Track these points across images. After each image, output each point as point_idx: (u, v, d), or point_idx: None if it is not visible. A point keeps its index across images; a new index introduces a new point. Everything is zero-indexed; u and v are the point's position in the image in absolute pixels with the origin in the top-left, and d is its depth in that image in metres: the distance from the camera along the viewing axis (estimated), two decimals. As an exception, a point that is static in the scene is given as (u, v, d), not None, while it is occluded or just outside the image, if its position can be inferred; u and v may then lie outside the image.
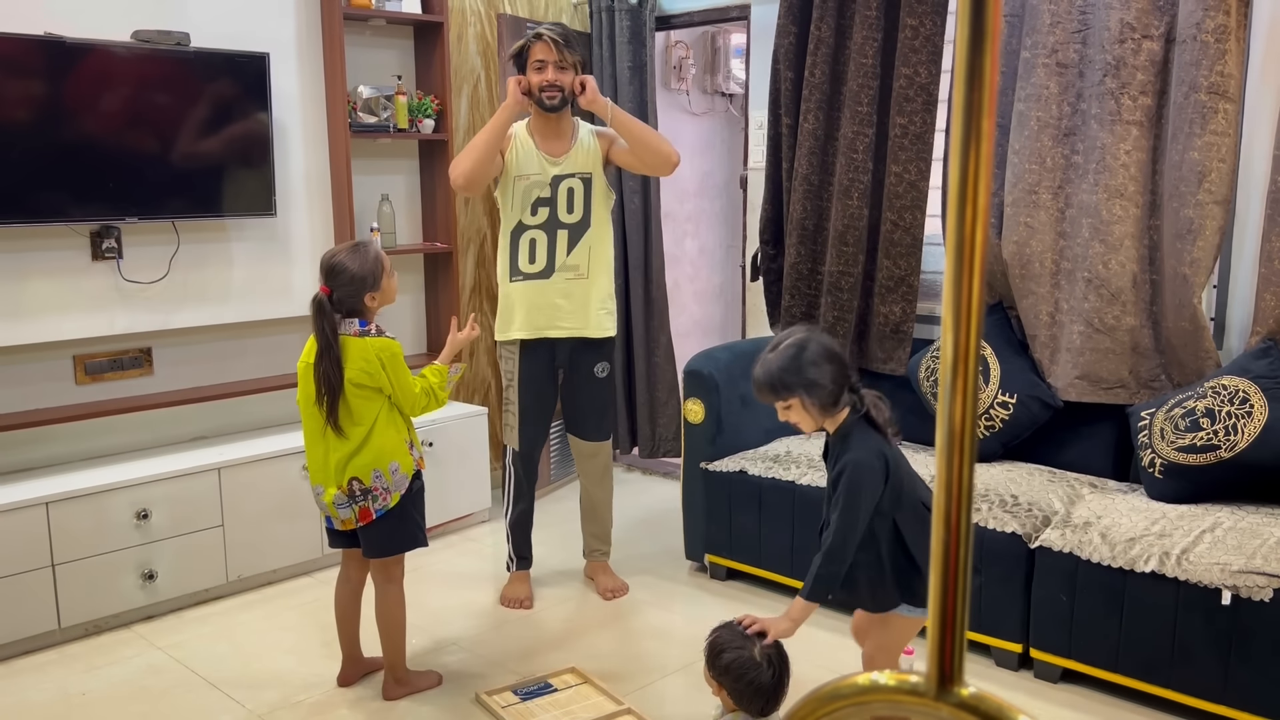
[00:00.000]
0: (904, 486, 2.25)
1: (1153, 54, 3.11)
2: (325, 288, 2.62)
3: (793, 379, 2.18)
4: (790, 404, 2.21)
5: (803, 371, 2.18)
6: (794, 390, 2.19)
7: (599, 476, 3.57)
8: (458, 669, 3.03)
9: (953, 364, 0.54)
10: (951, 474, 0.54)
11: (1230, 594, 2.52)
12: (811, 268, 3.91)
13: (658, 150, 3.24)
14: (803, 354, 2.19)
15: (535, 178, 3.25)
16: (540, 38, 3.18)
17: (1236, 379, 2.94)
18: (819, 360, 2.19)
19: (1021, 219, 3.38)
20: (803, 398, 2.19)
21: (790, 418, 2.24)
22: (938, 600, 0.55)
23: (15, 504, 3.07)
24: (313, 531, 3.67)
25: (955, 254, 0.53)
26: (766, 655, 2.12)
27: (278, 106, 3.71)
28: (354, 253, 2.64)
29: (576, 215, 3.29)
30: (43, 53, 3.15)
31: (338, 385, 2.61)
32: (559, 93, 3.19)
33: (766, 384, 2.22)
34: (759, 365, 2.24)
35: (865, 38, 3.64)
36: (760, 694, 2.10)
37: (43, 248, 3.35)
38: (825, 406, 2.20)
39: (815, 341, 2.23)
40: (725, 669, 2.13)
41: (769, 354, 2.23)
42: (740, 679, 2.11)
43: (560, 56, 3.17)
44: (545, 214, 3.27)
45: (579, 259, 3.30)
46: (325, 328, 2.60)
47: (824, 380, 2.18)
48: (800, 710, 0.62)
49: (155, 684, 2.97)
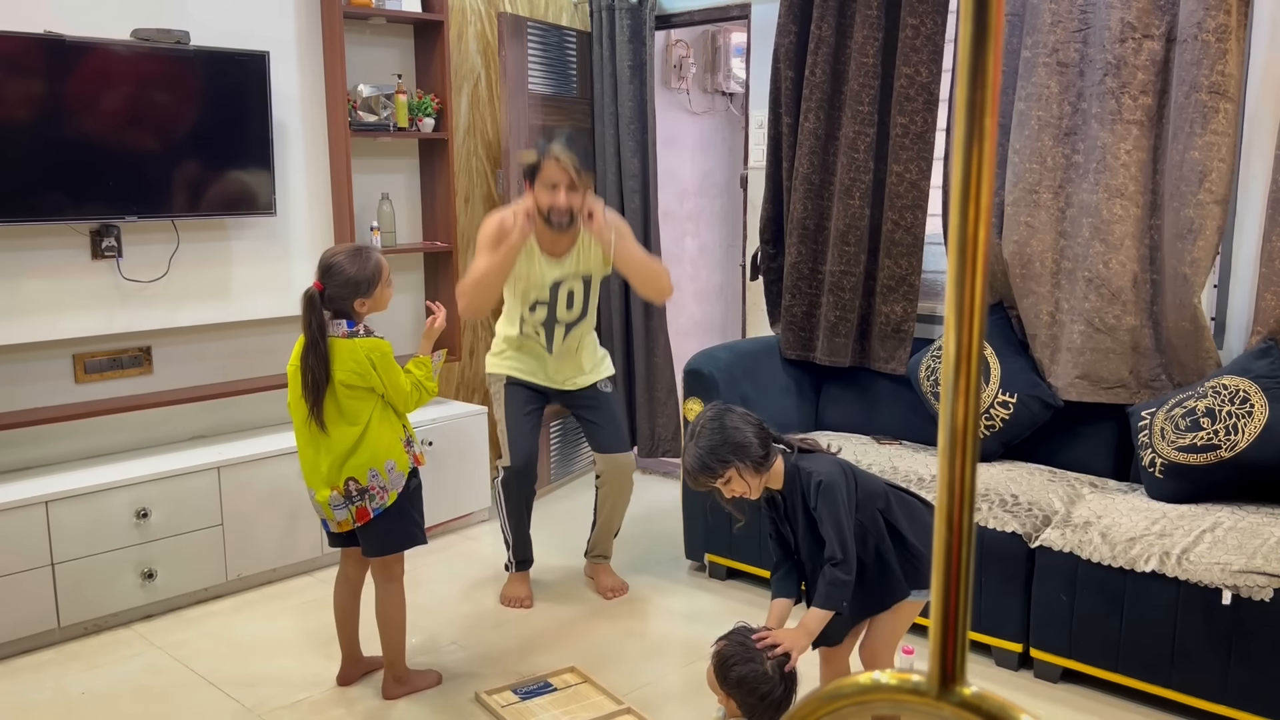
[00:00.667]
0: (869, 481, 2.34)
1: (1153, 53, 3.11)
2: (319, 284, 2.62)
3: (723, 450, 2.22)
4: (729, 476, 2.24)
5: (728, 439, 2.23)
6: (728, 462, 2.23)
7: (625, 489, 3.54)
8: (457, 668, 3.03)
9: (955, 363, 0.54)
10: (954, 474, 0.54)
11: (1230, 594, 2.51)
12: (812, 267, 3.91)
13: (654, 284, 3.31)
14: (722, 426, 2.25)
15: (534, 281, 3.28)
16: (556, 160, 3.10)
17: (1237, 379, 2.94)
18: (739, 424, 2.26)
19: (1022, 218, 3.38)
20: (737, 465, 2.23)
21: (734, 491, 2.27)
22: (939, 600, 0.55)
23: (14, 503, 3.06)
24: (312, 531, 3.67)
25: (958, 253, 0.52)
26: (779, 669, 2.13)
27: (278, 105, 3.71)
28: (355, 256, 2.64)
29: (575, 313, 3.34)
30: (43, 51, 3.15)
31: (323, 381, 2.61)
32: (568, 215, 3.16)
33: (700, 468, 2.25)
34: (687, 458, 2.28)
35: (866, 37, 3.63)
36: (774, 708, 2.12)
37: (42, 246, 3.34)
38: (759, 465, 2.24)
39: (728, 411, 2.29)
40: (738, 683, 2.14)
41: (690, 444, 2.28)
42: (753, 693, 2.12)
43: (573, 179, 3.12)
44: (544, 312, 3.32)
45: (573, 343, 3.39)
46: (314, 323, 2.59)
47: (750, 441, 2.23)
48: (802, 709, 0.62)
49: (154, 683, 2.96)
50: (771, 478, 2.29)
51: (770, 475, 2.28)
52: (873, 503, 2.31)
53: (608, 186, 4.63)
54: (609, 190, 4.61)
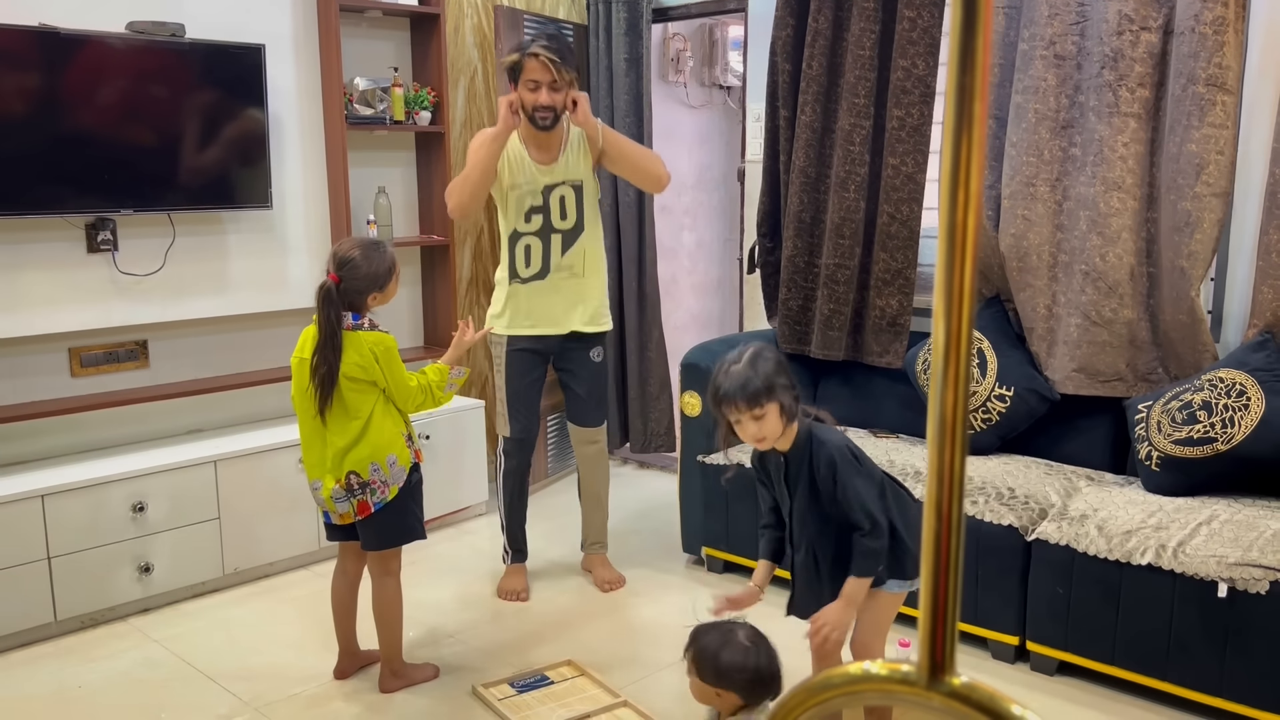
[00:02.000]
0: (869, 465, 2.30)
1: (1151, 46, 3.11)
2: (335, 276, 2.61)
3: (772, 381, 2.16)
4: (767, 410, 2.17)
5: (774, 375, 2.17)
6: (774, 395, 2.16)
7: (597, 464, 3.57)
8: (454, 661, 3.03)
9: (945, 351, 0.53)
10: (943, 462, 0.54)
11: (1227, 586, 2.52)
12: (808, 260, 3.91)
13: (648, 171, 3.30)
14: (770, 360, 2.19)
15: (526, 187, 3.28)
16: (536, 56, 3.13)
17: (1234, 372, 2.94)
18: (780, 369, 2.20)
19: (1019, 212, 3.37)
20: (782, 400, 2.17)
21: (761, 429, 2.19)
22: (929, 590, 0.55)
23: (11, 496, 3.06)
24: (309, 524, 3.67)
25: (947, 240, 0.52)
26: (752, 638, 2.11)
27: (273, 98, 3.70)
28: (371, 251, 2.65)
29: (570, 221, 3.31)
30: (37, 44, 3.14)
31: (334, 374, 2.61)
32: (551, 113, 3.17)
33: (748, 390, 2.15)
34: (727, 377, 2.19)
35: (863, 30, 3.63)
36: (764, 679, 2.09)
37: (38, 240, 3.34)
38: (792, 413, 2.20)
39: (772, 350, 2.24)
40: (727, 670, 2.08)
41: (735, 366, 2.19)
42: (744, 671, 2.07)
43: (555, 76, 3.13)
44: (539, 221, 3.30)
45: (574, 260, 3.34)
46: (331, 316, 2.59)
47: (790, 385, 2.19)
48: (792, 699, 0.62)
49: (152, 677, 2.96)
50: (785, 439, 2.24)
51: (786, 436, 2.23)
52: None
53: (603, 180, 4.61)
54: (604, 183, 4.60)
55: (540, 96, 3.15)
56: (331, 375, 2.60)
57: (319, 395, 2.62)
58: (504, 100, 3.18)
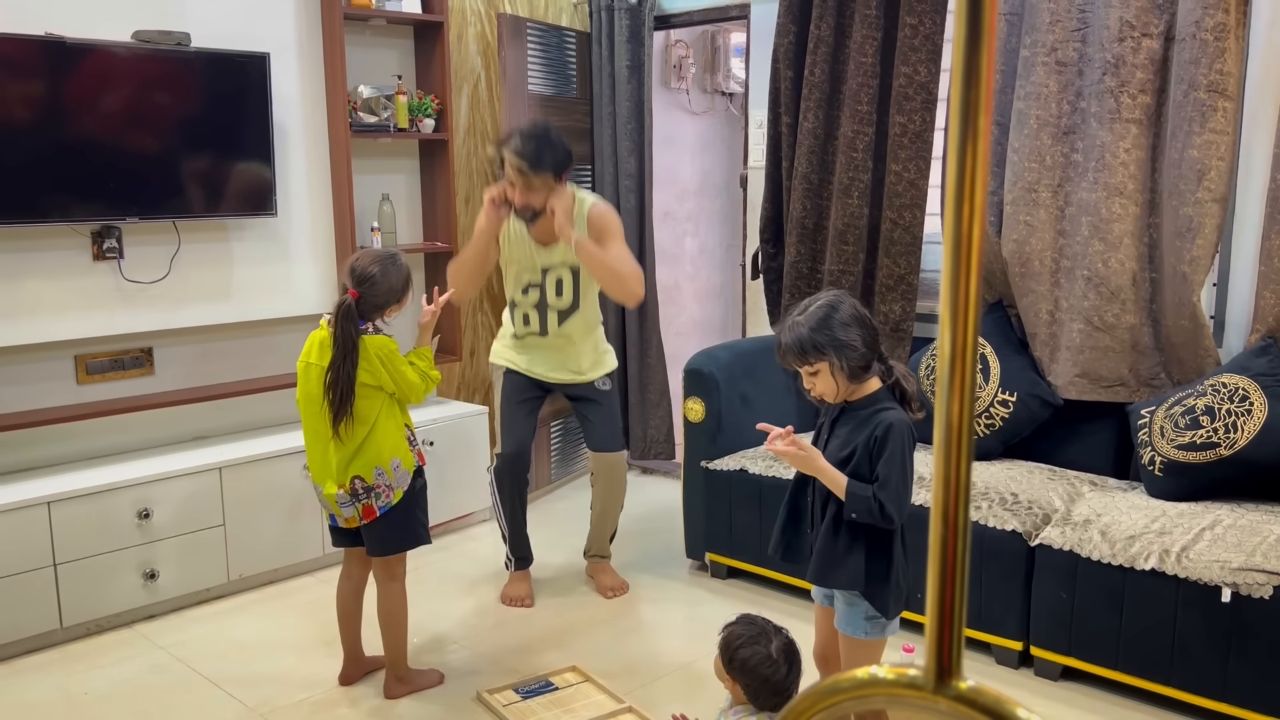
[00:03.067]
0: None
1: (1152, 52, 3.12)
2: (355, 293, 2.62)
3: (823, 339, 2.07)
4: (818, 369, 2.10)
5: (834, 332, 2.07)
6: (824, 352, 2.08)
7: (614, 489, 3.56)
8: (459, 667, 3.04)
9: (950, 360, 0.54)
10: (949, 469, 0.55)
11: (1230, 591, 2.52)
12: (811, 266, 3.91)
13: (619, 288, 3.25)
14: (834, 315, 2.10)
15: (524, 264, 3.33)
16: (507, 161, 3.12)
17: (1236, 377, 2.95)
18: (850, 322, 2.09)
19: (1021, 217, 3.38)
20: (833, 360, 2.08)
21: (816, 386, 2.13)
22: (935, 594, 0.56)
23: (17, 504, 3.07)
24: (314, 530, 3.68)
25: (953, 250, 0.53)
26: (782, 652, 2.11)
27: (278, 106, 3.71)
28: (389, 265, 2.68)
29: (565, 301, 3.35)
30: (44, 53, 3.16)
31: (351, 390, 2.62)
32: (530, 210, 3.18)
33: (795, 346, 2.09)
34: (784, 329, 2.13)
35: (865, 36, 3.64)
36: (775, 691, 2.09)
37: (44, 247, 3.35)
38: (855, 372, 2.10)
39: (846, 303, 2.13)
40: (741, 665, 2.10)
41: (797, 317, 2.13)
42: (755, 675, 2.09)
43: (527, 182, 3.11)
44: (535, 296, 3.36)
45: (570, 329, 3.40)
46: (351, 332, 2.60)
47: (855, 343, 2.09)
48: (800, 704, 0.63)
49: (157, 683, 2.97)
50: (856, 393, 2.15)
51: (858, 390, 2.14)
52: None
53: (605, 186, 4.64)
54: (606, 189, 4.62)
55: (515, 196, 3.16)
56: (349, 391, 2.61)
57: (335, 410, 2.63)
58: (488, 193, 3.21)
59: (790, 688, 2.12)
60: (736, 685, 2.14)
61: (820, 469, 2.12)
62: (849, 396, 2.16)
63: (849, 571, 2.15)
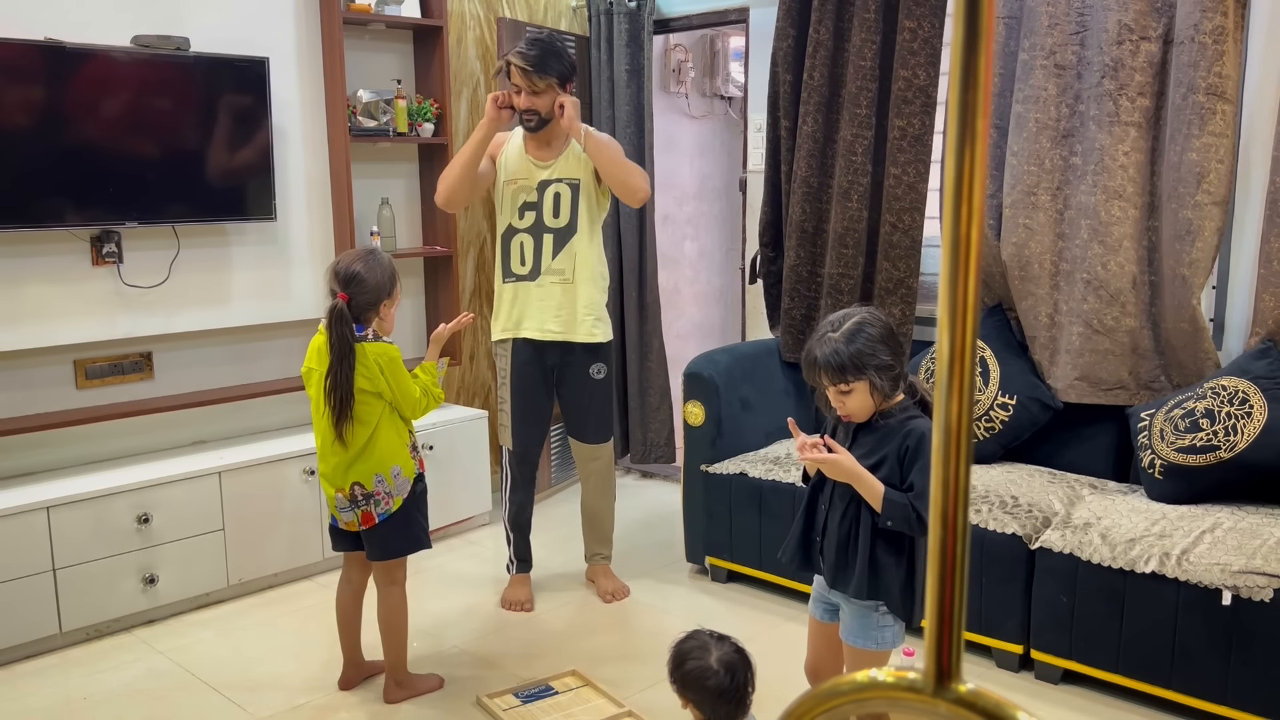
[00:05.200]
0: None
1: (1151, 55, 3.12)
2: (344, 295, 2.62)
3: (867, 359, 2.07)
4: (854, 387, 2.09)
5: (873, 351, 2.07)
6: (863, 371, 2.07)
7: (600, 481, 3.56)
8: (459, 672, 3.03)
9: (949, 363, 0.54)
10: (948, 471, 0.55)
11: (1230, 594, 2.52)
12: (811, 270, 3.92)
13: (624, 182, 3.26)
14: (869, 332, 2.10)
15: (522, 182, 3.29)
16: (514, 64, 3.15)
17: (1236, 380, 2.95)
18: (884, 339, 2.10)
19: (1020, 221, 3.38)
20: (871, 379, 2.07)
21: (847, 404, 2.12)
22: (935, 597, 0.56)
23: (16, 508, 3.07)
24: (314, 535, 3.67)
25: (951, 253, 0.53)
26: (724, 662, 2.02)
27: (277, 111, 3.72)
28: (370, 261, 2.66)
29: (562, 220, 3.30)
30: (43, 58, 3.16)
31: (350, 394, 2.62)
32: (535, 116, 3.19)
33: (834, 365, 2.07)
34: (821, 345, 2.11)
35: (864, 40, 3.64)
36: (723, 699, 2.01)
37: (43, 252, 3.35)
38: (889, 389, 2.11)
39: (880, 320, 2.14)
40: (684, 680, 2.04)
41: (832, 334, 2.11)
42: (700, 689, 2.01)
43: (531, 84, 3.14)
44: (532, 218, 3.30)
45: (564, 263, 3.31)
46: (345, 335, 2.60)
47: (889, 360, 2.09)
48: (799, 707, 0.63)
49: (156, 688, 2.97)
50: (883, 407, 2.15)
51: (884, 405, 2.14)
52: None
53: (607, 190, 4.63)
54: (608, 194, 4.61)
55: (520, 101, 3.18)
56: (348, 394, 2.61)
57: (336, 414, 2.63)
58: (491, 96, 3.22)
59: (738, 693, 2.03)
60: (690, 705, 2.06)
61: (856, 474, 2.09)
62: (881, 407, 2.15)
63: (879, 580, 2.13)
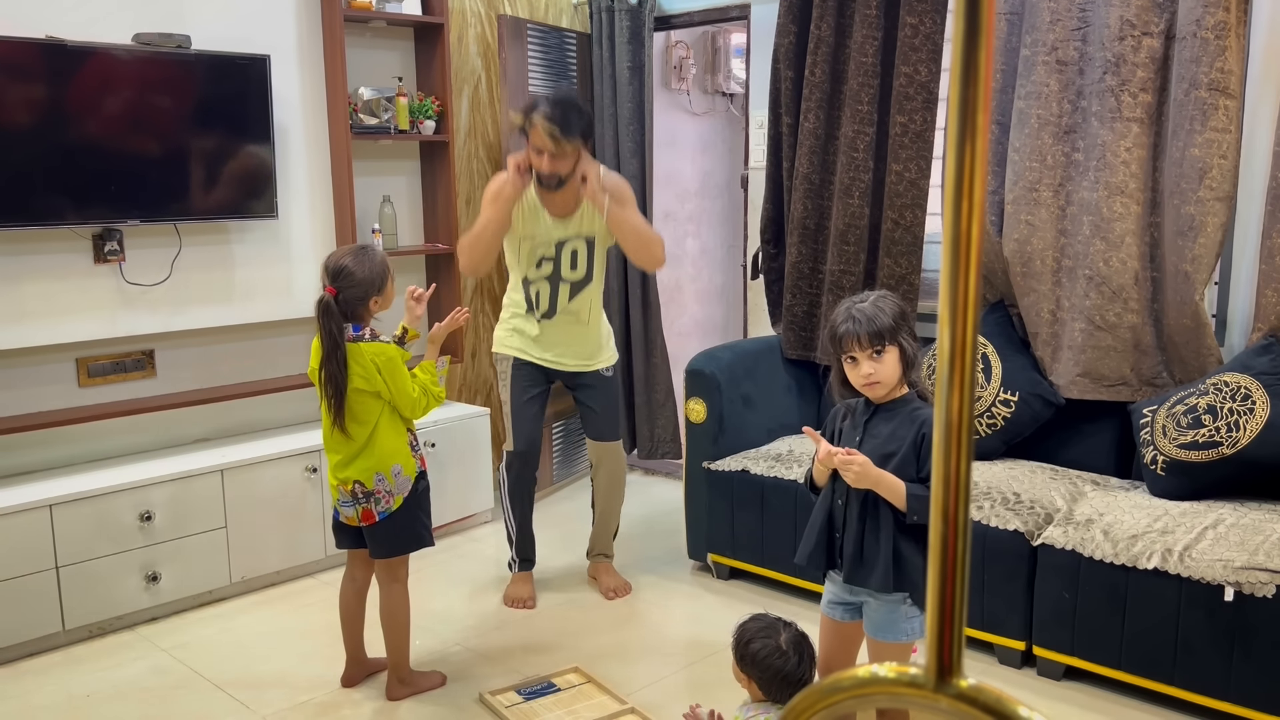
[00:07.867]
0: None
1: (1153, 51, 3.11)
2: (331, 289, 2.62)
3: (901, 323, 2.11)
4: (887, 352, 2.11)
5: (903, 321, 2.13)
6: (899, 335, 2.10)
7: (614, 479, 3.57)
8: (461, 669, 3.04)
9: (950, 358, 0.54)
10: (949, 467, 0.55)
11: (1233, 590, 2.52)
12: (813, 267, 3.91)
13: (647, 253, 3.29)
14: (898, 306, 2.14)
15: (540, 239, 3.28)
16: (537, 127, 3.07)
17: (1238, 376, 2.94)
18: (908, 318, 2.17)
19: (1022, 217, 3.38)
20: (904, 346, 2.11)
21: (878, 370, 2.11)
22: (936, 593, 0.56)
23: (19, 506, 3.07)
24: (316, 533, 3.68)
25: (952, 248, 0.53)
26: (792, 643, 2.13)
27: (279, 109, 3.72)
28: (361, 257, 2.66)
29: (579, 273, 3.33)
30: (44, 56, 3.16)
31: (343, 387, 2.62)
32: (555, 178, 3.15)
33: (875, 326, 2.09)
34: (854, 309, 2.12)
35: (865, 36, 3.64)
36: (788, 682, 2.10)
37: (45, 250, 3.35)
38: (908, 366, 2.14)
39: (901, 301, 2.19)
40: (752, 659, 2.13)
41: (861, 304, 2.14)
42: (767, 668, 2.11)
43: (557, 147, 3.08)
44: (549, 269, 3.32)
45: (579, 306, 3.37)
46: (333, 329, 2.60)
47: (913, 337, 2.14)
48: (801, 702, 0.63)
49: (159, 685, 2.97)
50: (895, 390, 2.16)
51: (897, 389, 2.16)
52: None
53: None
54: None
55: (543, 165, 3.12)
56: (341, 389, 2.62)
57: (333, 409, 2.63)
58: (511, 160, 3.16)
59: (803, 678, 2.13)
60: (752, 683, 2.15)
61: (876, 479, 2.10)
62: (889, 396, 2.18)
63: (902, 572, 2.14)
